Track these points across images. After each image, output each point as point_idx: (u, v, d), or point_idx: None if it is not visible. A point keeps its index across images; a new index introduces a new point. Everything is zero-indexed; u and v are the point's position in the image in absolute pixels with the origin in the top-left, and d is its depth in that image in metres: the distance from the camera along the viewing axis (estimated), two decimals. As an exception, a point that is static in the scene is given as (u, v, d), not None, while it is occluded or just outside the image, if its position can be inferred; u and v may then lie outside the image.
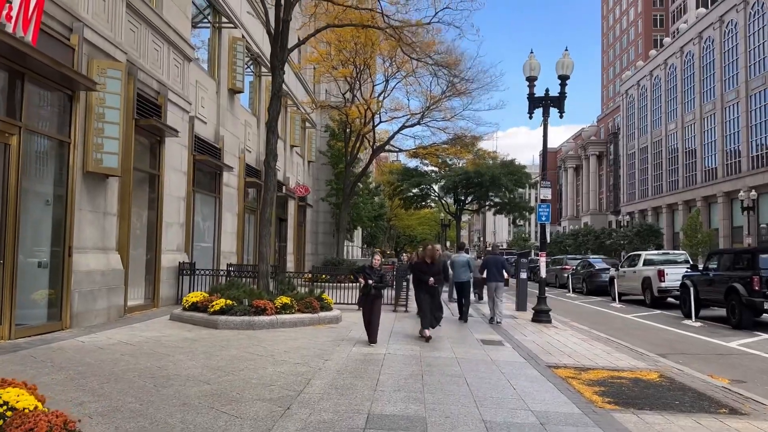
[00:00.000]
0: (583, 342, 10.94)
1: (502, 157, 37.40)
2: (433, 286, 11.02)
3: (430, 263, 11.09)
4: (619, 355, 9.57)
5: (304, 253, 32.44)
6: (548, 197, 14.13)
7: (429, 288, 11.01)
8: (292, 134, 28.50)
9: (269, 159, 12.36)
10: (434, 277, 10.99)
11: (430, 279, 10.90)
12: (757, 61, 49.65)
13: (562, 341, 10.96)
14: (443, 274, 11.80)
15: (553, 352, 9.64)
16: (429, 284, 10.90)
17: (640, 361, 9.18)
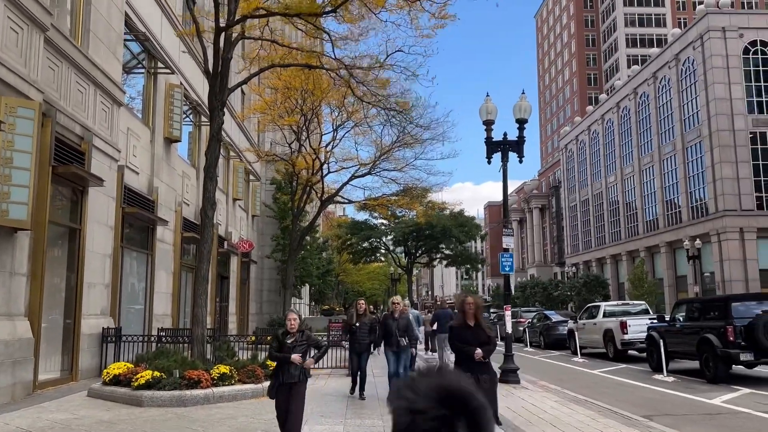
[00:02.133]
0: (562, 406, 9.82)
1: (451, 208, 36.95)
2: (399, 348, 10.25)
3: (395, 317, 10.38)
4: (607, 421, 8.48)
5: (248, 313, 30.58)
6: (510, 245, 13.24)
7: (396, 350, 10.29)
8: (234, 187, 27.14)
9: (206, 208, 11.05)
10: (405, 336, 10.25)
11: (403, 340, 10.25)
12: (691, 114, 51.59)
13: (538, 405, 9.80)
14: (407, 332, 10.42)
15: (534, 421, 8.47)
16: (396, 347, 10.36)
17: (632, 427, 8.11)
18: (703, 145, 49.68)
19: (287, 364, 6.20)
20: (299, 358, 6.19)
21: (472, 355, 6.95)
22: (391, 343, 10.08)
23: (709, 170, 48.70)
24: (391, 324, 10.11)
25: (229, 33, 11.42)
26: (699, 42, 49.38)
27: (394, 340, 10.03)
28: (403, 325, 10.15)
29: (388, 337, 10.12)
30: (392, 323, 10.11)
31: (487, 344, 7.18)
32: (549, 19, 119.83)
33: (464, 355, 7.05)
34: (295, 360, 6.16)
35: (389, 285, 54.95)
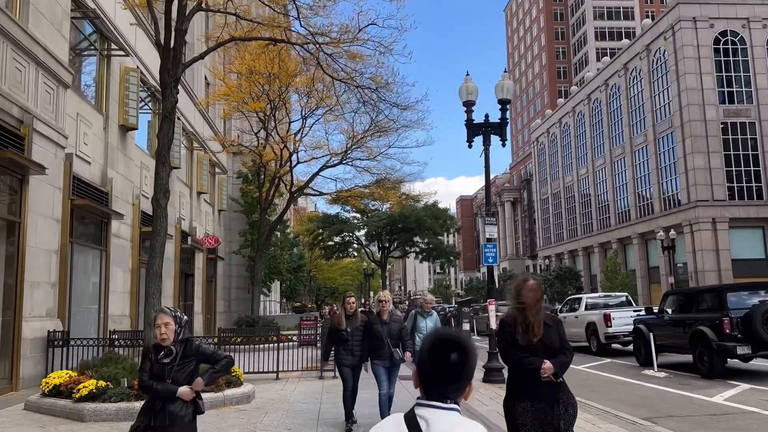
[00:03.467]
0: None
1: (425, 200, 36.11)
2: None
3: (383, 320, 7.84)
4: (609, 427, 7.62)
5: (215, 312, 29.28)
6: (494, 235, 12.35)
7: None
8: (199, 180, 25.81)
9: (158, 196, 9.91)
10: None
11: None
12: (663, 105, 51.57)
13: (530, 410, 8.90)
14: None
15: (529, 428, 7.55)
16: None
17: (638, 434, 7.26)
18: (674, 135, 49.68)
19: (165, 398, 4.00)
20: (189, 391, 3.98)
21: (537, 370, 4.06)
22: (381, 355, 7.66)
23: (681, 161, 48.72)
24: (380, 330, 7.70)
25: (183, 2, 10.27)
26: (670, 32, 49.31)
27: (386, 351, 7.65)
28: (396, 330, 7.80)
29: (378, 347, 7.68)
30: (382, 329, 7.71)
31: (560, 353, 4.21)
32: (519, 13, 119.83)
33: (525, 371, 4.11)
34: (184, 394, 3.96)
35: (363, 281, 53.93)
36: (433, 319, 9.88)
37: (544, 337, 4.18)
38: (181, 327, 4.15)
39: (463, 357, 1.85)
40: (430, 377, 1.86)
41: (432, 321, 9.85)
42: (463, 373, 1.86)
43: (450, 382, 1.84)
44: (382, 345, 7.66)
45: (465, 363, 1.85)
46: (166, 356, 4.05)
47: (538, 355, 4.10)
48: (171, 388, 3.97)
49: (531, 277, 4.35)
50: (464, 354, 1.86)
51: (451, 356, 1.85)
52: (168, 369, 4.04)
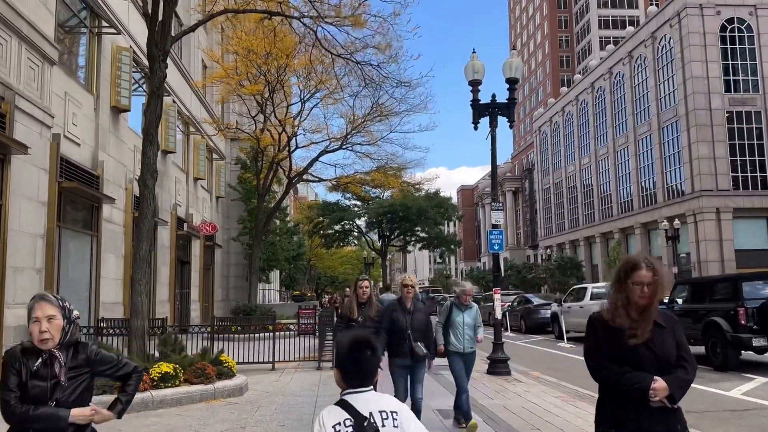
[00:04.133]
0: (566, 404, 8.43)
1: (426, 189, 35.48)
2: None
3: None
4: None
5: (213, 300, 28.80)
6: (500, 221, 11.80)
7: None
8: (196, 165, 25.23)
9: (145, 177, 9.35)
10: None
11: None
12: (667, 94, 50.85)
13: (539, 404, 8.40)
14: None
15: (540, 425, 7.04)
16: None
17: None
18: (679, 124, 49.01)
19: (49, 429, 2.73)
20: (89, 413, 2.80)
21: (645, 390, 2.84)
22: (401, 351, 6.26)
23: (685, 150, 48.08)
24: (402, 321, 6.28)
25: (172, -29, 9.66)
26: (676, 19, 48.51)
27: (405, 346, 6.25)
28: (422, 322, 6.40)
29: (399, 342, 6.26)
30: (404, 319, 6.30)
31: (678, 366, 2.96)
32: (521, 1, 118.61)
33: (628, 389, 2.90)
34: (79, 417, 2.76)
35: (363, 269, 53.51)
36: (473, 313, 7.36)
37: (654, 342, 2.94)
38: (70, 323, 2.90)
39: (374, 353, 2.33)
40: (354, 374, 2.33)
41: (471, 316, 7.30)
42: (374, 366, 2.36)
43: (367, 373, 2.33)
44: (404, 339, 6.26)
45: (374, 357, 2.33)
46: (45, 365, 2.78)
47: (644, 368, 2.91)
48: (59, 414, 2.70)
49: (648, 257, 3.01)
50: (374, 351, 2.34)
51: (366, 354, 2.31)
52: (52, 385, 2.76)
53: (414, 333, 6.31)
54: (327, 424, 2.26)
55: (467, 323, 7.22)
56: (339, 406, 2.30)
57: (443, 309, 7.62)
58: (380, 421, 2.27)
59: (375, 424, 2.25)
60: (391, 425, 2.28)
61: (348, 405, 2.29)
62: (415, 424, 2.36)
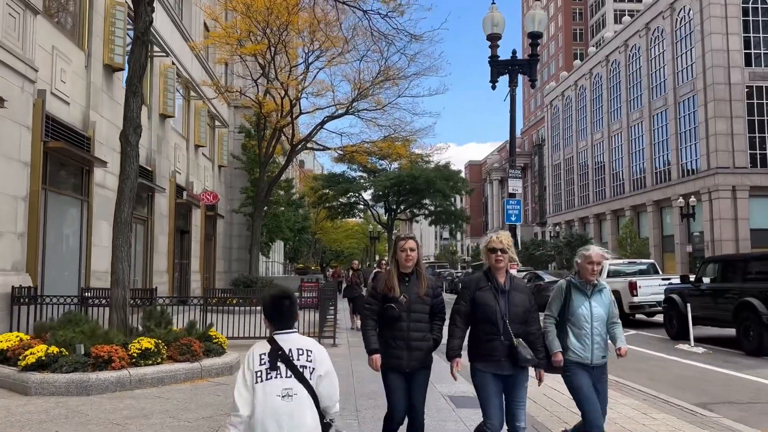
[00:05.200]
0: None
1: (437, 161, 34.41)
2: None
3: None
4: (664, 417, 6.23)
5: (214, 271, 28.07)
6: (518, 190, 10.84)
7: None
8: (197, 132, 24.28)
9: (127, 132, 8.44)
10: None
11: None
12: (685, 67, 49.27)
13: (562, 390, 7.53)
14: None
15: (563, 414, 6.18)
16: None
17: (702, 427, 5.86)
18: (696, 99, 47.54)
19: None
20: None
21: None
22: (491, 352, 4.28)
23: (702, 126, 46.68)
24: (492, 304, 4.23)
25: None
26: (697, -11, 46.76)
27: (498, 344, 4.22)
28: (523, 306, 4.28)
29: (487, 337, 4.26)
30: (496, 302, 4.22)
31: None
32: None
33: None
34: None
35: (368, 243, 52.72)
36: (605, 299, 4.72)
37: None
38: None
39: (292, 303, 2.96)
40: (276, 318, 2.91)
41: (604, 304, 4.69)
42: (293, 310, 2.95)
43: (287, 318, 2.91)
44: (496, 333, 4.14)
45: (293, 304, 2.95)
46: None
47: None
48: None
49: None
50: (292, 301, 2.96)
51: (285, 303, 2.93)
52: None
53: (513, 325, 4.13)
54: (256, 353, 2.82)
55: (597, 316, 4.59)
56: (267, 342, 2.86)
57: (555, 293, 4.82)
58: (296, 355, 2.79)
59: (289, 356, 2.78)
60: (304, 359, 2.79)
61: (273, 341, 2.83)
62: (327, 364, 2.87)
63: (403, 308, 4.27)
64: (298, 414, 2.71)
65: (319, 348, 2.88)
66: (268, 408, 2.69)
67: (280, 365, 2.75)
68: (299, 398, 2.74)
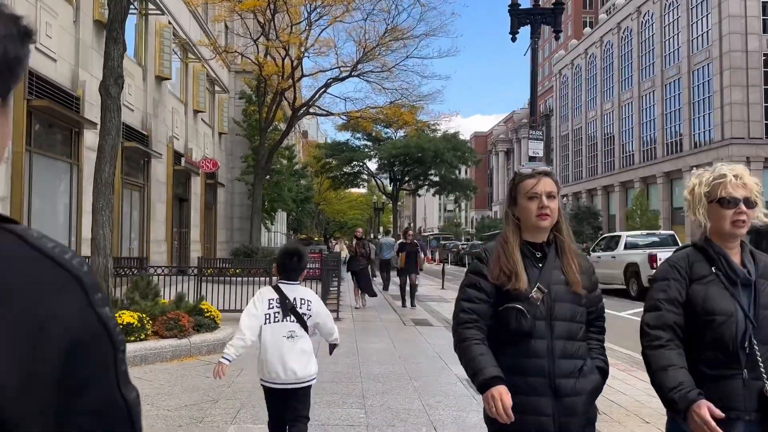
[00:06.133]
0: (629, 375, 6.80)
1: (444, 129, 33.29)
2: None
3: None
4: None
5: (216, 241, 27.37)
6: (539, 153, 9.97)
7: None
8: (195, 96, 23.34)
9: (108, 83, 7.60)
10: None
11: None
12: (700, 34, 47.76)
13: (591, 373, 6.78)
14: None
15: (606, 407, 5.41)
16: None
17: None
18: (711, 67, 46.13)
19: None
20: None
21: None
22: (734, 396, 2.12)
23: (716, 95, 45.36)
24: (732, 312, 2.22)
25: None
26: (715, -48, 45.02)
27: None
28: None
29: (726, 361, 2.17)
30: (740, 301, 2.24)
31: None
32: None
33: None
34: None
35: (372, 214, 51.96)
36: None
37: None
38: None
39: (300, 259, 3.56)
40: (284, 269, 3.52)
41: None
42: (300, 266, 3.57)
43: (291, 271, 3.52)
44: (733, 363, 2.13)
45: (300, 261, 3.56)
46: None
47: None
48: None
49: None
50: (300, 257, 3.57)
51: (294, 258, 3.54)
52: None
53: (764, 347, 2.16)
54: (264, 297, 3.51)
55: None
56: (273, 289, 3.54)
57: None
58: (299, 304, 3.46)
59: (294, 305, 3.43)
60: (306, 308, 3.47)
61: (279, 289, 3.49)
62: (325, 312, 3.61)
63: (539, 312, 2.25)
64: (297, 347, 3.42)
65: (317, 299, 3.58)
66: (274, 345, 3.38)
67: (288, 313, 3.41)
68: (300, 337, 3.43)
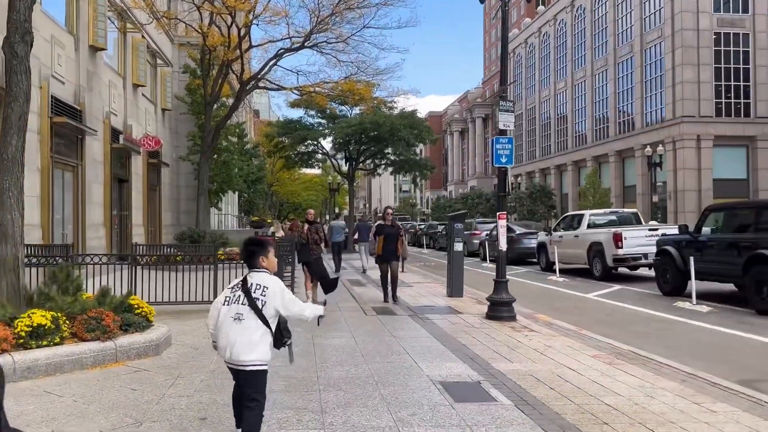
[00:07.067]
0: (613, 368, 6.10)
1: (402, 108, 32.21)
2: None
3: None
4: (721, 407, 4.79)
5: (161, 224, 25.88)
6: (510, 126, 9.16)
7: None
8: (135, 69, 21.72)
9: (12, 40, 6.38)
10: None
11: None
12: (652, 13, 47.92)
13: (577, 369, 6.04)
14: None
15: (602, 413, 4.65)
16: None
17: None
18: (663, 46, 46.39)
19: None
20: None
21: None
22: None
23: (668, 73, 45.67)
24: None
25: None
26: (668, -70, 45.02)
27: None
28: None
29: None
30: None
31: None
32: None
33: None
34: None
35: (328, 195, 50.78)
36: None
37: None
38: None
39: (257, 248, 3.71)
40: (247, 257, 3.71)
41: None
42: (257, 255, 3.68)
43: (253, 260, 3.68)
44: None
45: (257, 251, 3.70)
46: None
47: None
48: None
49: None
50: (257, 247, 3.72)
51: (250, 249, 3.71)
52: None
53: None
54: (233, 283, 3.73)
55: None
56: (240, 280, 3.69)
57: None
58: (254, 289, 3.58)
59: (249, 289, 3.58)
60: (260, 293, 3.56)
61: (246, 277, 3.67)
62: (285, 298, 3.62)
63: None
64: (243, 332, 3.53)
65: (275, 285, 3.62)
66: (224, 325, 3.57)
67: (241, 295, 3.59)
68: (247, 321, 3.55)
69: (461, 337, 7.66)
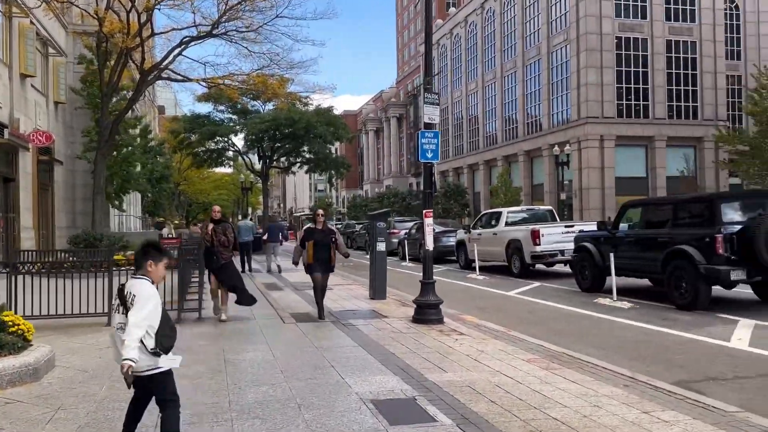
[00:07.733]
0: (552, 374, 5.73)
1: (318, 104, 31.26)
2: None
3: None
4: (673, 415, 4.47)
5: (54, 227, 23.85)
6: (435, 119, 8.71)
7: None
8: (22, 58, 19.76)
9: None
10: None
11: None
12: (559, 16, 49.52)
13: (514, 376, 5.62)
14: None
15: (540, 422, 4.20)
16: None
17: (718, 426, 4.16)
18: (569, 49, 48.06)
19: None
20: None
21: None
22: None
23: (574, 75, 47.36)
24: None
25: None
26: (572, -65, 46.61)
27: None
28: None
29: None
30: None
31: None
32: None
33: None
34: None
35: (240, 195, 49.02)
36: None
37: None
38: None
39: (153, 249, 3.68)
40: (138, 257, 3.67)
41: None
42: (140, 262, 3.65)
43: (138, 265, 3.67)
44: None
45: (143, 255, 3.64)
46: None
47: None
48: None
49: None
50: (155, 248, 3.70)
51: (146, 248, 3.68)
52: None
53: None
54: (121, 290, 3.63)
55: None
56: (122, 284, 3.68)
57: None
58: (129, 297, 3.52)
59: (126, 298, 3.52)
60: (131, 301, 3.49)
61: (124, 284, 3.64)
62: (136, 307, 3.46)
63: None
64: None
65: (141, 294, 3.52)
66: (114, 334, 3.63)
67: (119, 303, 3.58)
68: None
69: (390, 345, 7.11)
